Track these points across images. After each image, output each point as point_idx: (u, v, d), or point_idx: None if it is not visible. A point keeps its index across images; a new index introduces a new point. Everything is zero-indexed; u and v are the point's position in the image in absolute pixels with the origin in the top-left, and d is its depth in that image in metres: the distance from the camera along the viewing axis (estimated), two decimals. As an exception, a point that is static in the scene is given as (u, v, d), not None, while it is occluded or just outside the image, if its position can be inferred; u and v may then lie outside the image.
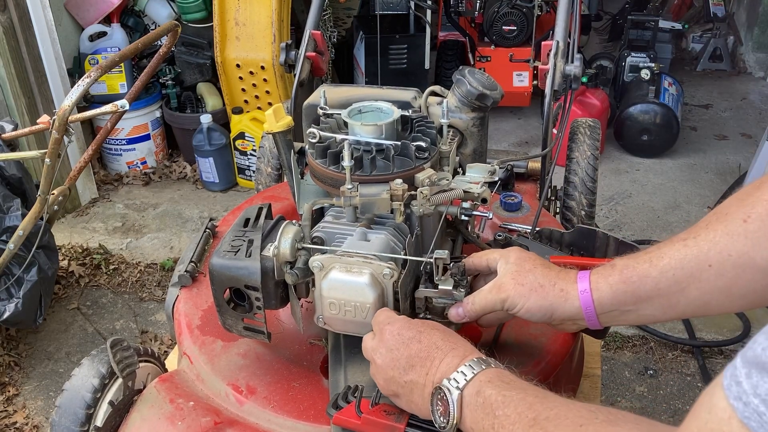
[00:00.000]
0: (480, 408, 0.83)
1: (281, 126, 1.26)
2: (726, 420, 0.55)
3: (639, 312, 0.97)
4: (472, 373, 0.86)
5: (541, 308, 1.00)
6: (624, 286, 0.95)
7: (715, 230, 0.88)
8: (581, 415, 0.75)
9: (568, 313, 1.00)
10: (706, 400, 0.59)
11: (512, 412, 0.79)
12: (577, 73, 1.67)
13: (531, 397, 0.81)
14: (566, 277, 1.01)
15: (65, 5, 3.94)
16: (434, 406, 0.88)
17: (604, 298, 0.97)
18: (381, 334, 0.98)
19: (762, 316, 2.95)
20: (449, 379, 0.87)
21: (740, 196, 0.89)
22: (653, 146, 4.26)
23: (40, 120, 2.26)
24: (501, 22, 4.28)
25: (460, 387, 0.86)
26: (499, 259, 1.06)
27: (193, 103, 4.06)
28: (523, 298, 1.00)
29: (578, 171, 1.84)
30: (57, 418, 1.18)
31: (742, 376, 0.54)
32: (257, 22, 3.60)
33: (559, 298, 1.00)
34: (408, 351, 0.93)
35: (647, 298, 0.94)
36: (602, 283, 0.97)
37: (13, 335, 2.92)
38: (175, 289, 1.37)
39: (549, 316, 1.01)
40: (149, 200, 3.96)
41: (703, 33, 5.83)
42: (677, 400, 2.63)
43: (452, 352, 0.91)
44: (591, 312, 0.98)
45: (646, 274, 0.93)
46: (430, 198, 1.09)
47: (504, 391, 0.82)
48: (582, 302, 0.98)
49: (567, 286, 1.00)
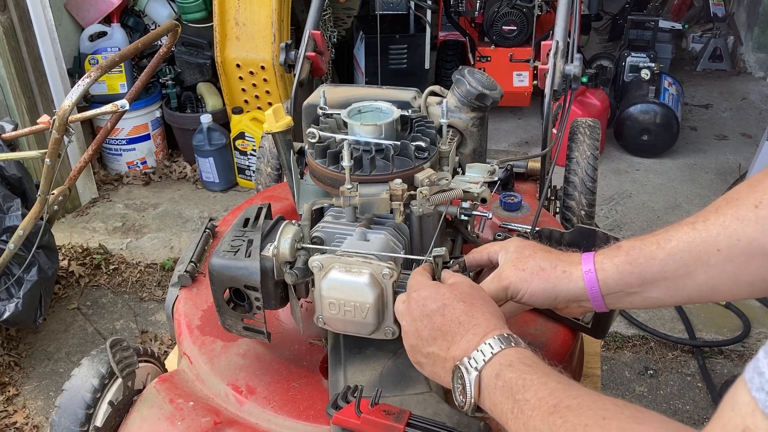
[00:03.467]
0: (499, 391, 0.81)
1: (281, 126, 1.26)
2: (749, 414, 0.54)
3: (644, 294, 0.96)
4: (491, 353, 0.84)
5: (544, 290, 1.00)
6: (630, 267, 0.94)
7: (725, 215, 0.87)
8: (606, 408, 0.71)
9: (573, 294, 0.99)
10: (729, 398, 0.58)
11: (532, 397, 0.77)
12: (577, 73, 1.67)
13: (553, 383, 0.78)
14: (568, 259, 1.01)
15: (65, 5, 3.94)
16: (455, 383, 0.87)
17: (610, 279, 0.96)
18: (408, 301, 0.97)
19: (762, 316, 2.95)
20: (469, 358, 0.85)
21: (751, 183, 0.88)
22: (653, 146, 4.26)
23: (40, 120, 2.26)
24: (501, 22, 4.28)
25: (478, 368, 0.84)
26: (500, 251, 1.06)
27: (193, 103, 4.06)
28: (525, 283, 1.00)
29: (578, 171, 1.84)
30: (57, 418, 1.18)
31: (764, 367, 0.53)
32: (257, 22, 3.60)
33: (562, 279, 0.99)
34: (431, 323, 0.92)
35: (653, 281, 0.93)
36: (608, 263, 0.97)
37: (13, 335, 2.92)
38: (175, 289, 1.37)
39: (553, 299, 1.01)
40: (149, 200, 3.96)
41: (703, 33, 5.83)
42: (677, 400, 2.63)
43: (473, 329, 0.88)
44: (596, 292, 0.97)
45: (653, 256, 0.92)
46: (430, 198, 1.09)
47: (525, 374, 0.80)
48: (587, 282, 0.97)
49: (570, 268, 0.99)
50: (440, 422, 0.97)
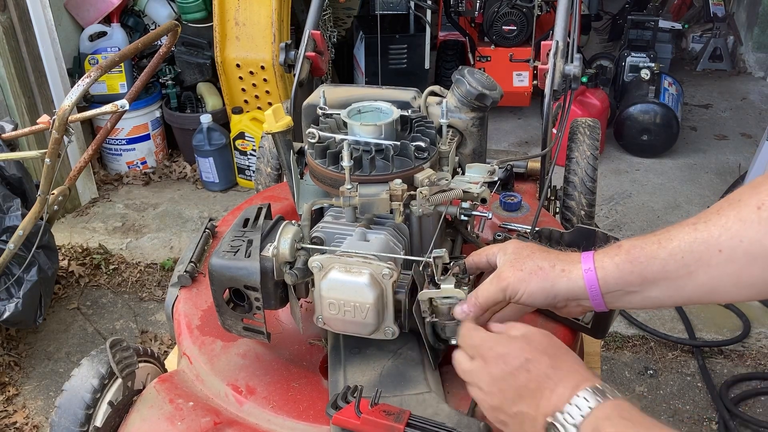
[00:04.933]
0: None
1: (281, 126, 1.26)
2: None
3: (644, 294, 0.95)
4: (588, 408, 0.81)
5: (543, 290, 0.99)
6: (630, 266, 0.94)
7: (727, 216, 0.87)
8: None
9: (572, 293, 0.98)
10: None
11: None
12: (577, 73, 1.67)
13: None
14: (567, 258, 1.00)
15: (65, 5, 3.94)
16: None
17: (609, 277, 0.95)
18: (483, 360, 0.93)
19: (762, 316, 2.96)
20: (562, 413, 0.83)
21: (753, 184, 0.88)
22: (653, 146, 4.26)
23: (40, 120, 2.26)
24: (501, 22, 4.28)
25: (576, 423, 0.81)
26: (498, 252, 1.06)
27: (193, 103, 4.06)
28: (523, 283, 0.99)
29: (578, 171, 1.84)
30: (57, 419, 1.18)
31: None
32: (257, 22, 3.60)
33: (561, 277, 0.98)
34: (516, 381, 0.88)
35: (654, 280, 0.93)
36: (608, 262, 0.96)
37: (13, 335, 2.92)
38: (174, 289, 1.37)
39: (552, 298, 1.00)
40: (149, 200, 3.96)
41: (703, 33, 5.83)
42: (677, 400, 2.63)
43: (563, 382, 0.85)
44: (596, 291, 0.97)
45: (654, 255, 0.92)
46: (430, 198, 1.09)
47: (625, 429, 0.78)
48: (586, 281, 0.97)
49: (568, 266, 0.98)
50: (440, 422, 0.97)
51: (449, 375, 1.12)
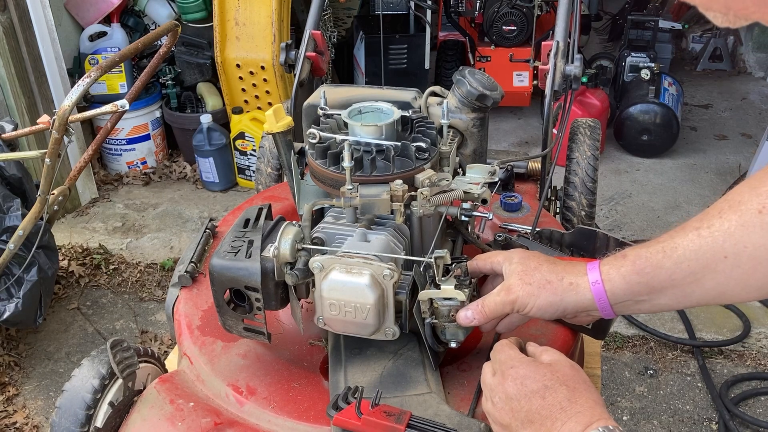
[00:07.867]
0: None
1: (281, 126, 1.26)
2: None
3: (653, 302, 0.96)
4: None
5: (551, 304, 0.99)
6: (637, 276, 0.94)
7: (729, 220, 0.87)
8: None
9: (581, 306, 0.99)
10: None
11: None
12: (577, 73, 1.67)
13: None
14: (574, 270, 1.00)
15: (65, 5, 3.94)
16: None
17: (617, 289, 0.96)
18: (503, 377, 0.93)
19: (762, 316, 2.96)
20: None
21: (752, 184, 0.88)
22: (653, 146, 4.26)
23: (40, 120, 2.26)
24: (501, 22, 4.27)
25: None
26: (503, 262, 1.05)
27: (193, 103, 4.06)
28: (532, 297, 0.99)
29: (578, 171, 1.84)
30: (57, 419, 1.18)
31: None
32: (257, 22, 3.60)
33: (569, 291, 0.98)
34: (529, 405, 0.88)
35: (661, 289, 0.93)
36: (614, 273, 0.96)
37: (13, 335, 2.92)
38: (175, 290, 1.37)
39: (561, 311, 1.00)
40: (149, 200, 3.96)
41: (703, 33, 5.83)
42: (677, 400, 2.63)
43: (576, 417, 0.85)
44: (605, 303, 0.97)
45: (659, 265, 0.92)
46: (430, 199, 1.09)
47: None
48: (594, 294, 0.97)
49: (576, 279, 0.99)
50: (441, 423, 0.97)
51: (450, 376, 1.12)
